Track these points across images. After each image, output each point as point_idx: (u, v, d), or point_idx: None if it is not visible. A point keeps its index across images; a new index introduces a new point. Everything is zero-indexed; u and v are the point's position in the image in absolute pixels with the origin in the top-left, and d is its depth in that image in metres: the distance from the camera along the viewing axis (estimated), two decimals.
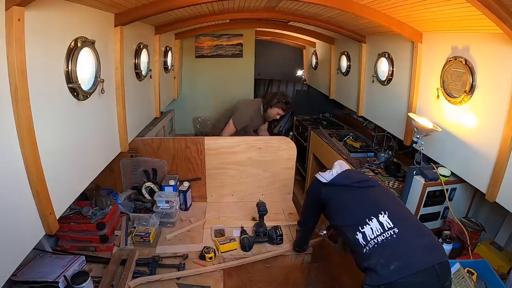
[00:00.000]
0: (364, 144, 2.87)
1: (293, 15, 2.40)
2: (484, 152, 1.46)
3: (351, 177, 1.45)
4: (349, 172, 1.51)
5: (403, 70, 2.08)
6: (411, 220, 1.31)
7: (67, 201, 1.21)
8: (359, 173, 1.61)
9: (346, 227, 1.33)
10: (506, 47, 1.30)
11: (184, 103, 3.78)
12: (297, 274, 1.88)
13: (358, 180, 1.43)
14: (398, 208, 1.34)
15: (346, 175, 1.47)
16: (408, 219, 1.30)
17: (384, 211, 1.26)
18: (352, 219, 1.32)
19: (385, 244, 1.18)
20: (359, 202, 1.38)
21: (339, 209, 1.43)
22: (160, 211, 1.95)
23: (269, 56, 4.41)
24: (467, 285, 1.30)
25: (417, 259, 1.12)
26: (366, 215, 1.27)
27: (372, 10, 1.68)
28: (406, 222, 1.26)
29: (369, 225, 1.24)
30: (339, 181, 1.44)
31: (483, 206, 1.80)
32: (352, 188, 1.42)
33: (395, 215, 1.25)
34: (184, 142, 2.16)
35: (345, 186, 1.42)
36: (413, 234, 1.21)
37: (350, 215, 1.36)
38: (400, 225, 1.22)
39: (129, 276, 1.47)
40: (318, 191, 1.48)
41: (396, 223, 1.22)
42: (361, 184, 1.42)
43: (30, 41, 0.91)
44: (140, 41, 1.97)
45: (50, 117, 1.07)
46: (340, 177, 1.46)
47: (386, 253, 1.17)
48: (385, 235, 1.20)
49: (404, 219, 1.27)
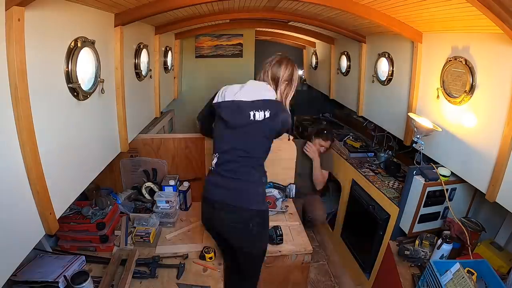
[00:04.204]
0: (364, 144, 2.87)
1: (293, 15, 2.40)
2: (484, 152, 1.46)
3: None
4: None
5: (403, 70, 2.08)
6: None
7: (67, 201, 1.21)
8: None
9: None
10: (506, 47, 1.30)
11: (184, 103, 3.78)
12: (297, 274, 1.88)
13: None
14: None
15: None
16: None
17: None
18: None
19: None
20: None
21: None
22: (160, 211, 1.95)
23: (269, 56, 4.39)
24: (467, 285, 1.30)
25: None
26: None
27: (372, 10, 1.68)
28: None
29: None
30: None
31: (483, 206, 1.81)
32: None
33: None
34: (184, 142, 2.16)
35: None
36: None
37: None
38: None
39: (129, 276, 1.47)
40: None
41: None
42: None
43: (30, 41, 0.91)
44: (140, 41, 1.97)
45: (50, 117, 1.06)
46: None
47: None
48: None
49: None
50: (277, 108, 1.41)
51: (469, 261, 1.47)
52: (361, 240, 2.35)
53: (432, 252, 1.63)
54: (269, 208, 2.01)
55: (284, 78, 1.47)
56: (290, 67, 1.48)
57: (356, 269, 2.36)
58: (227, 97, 1.43)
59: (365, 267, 2.23)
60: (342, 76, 3.13)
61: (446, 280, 1.37)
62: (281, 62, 1.48)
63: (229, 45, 3.77)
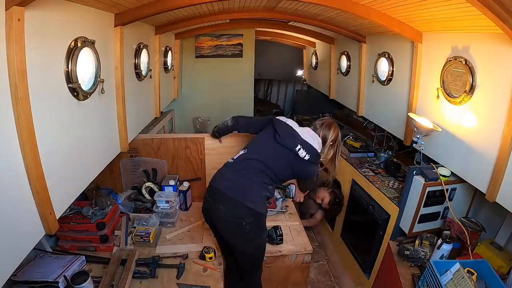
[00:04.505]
0: (364, 144, 2.87)
1: (293, 15, 2.40)
2: (484, 152, 1.46)
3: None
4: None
5: (403, 70, 2.08)
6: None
7: (67, 201, 1.21)
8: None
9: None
10: (506, 47, 1.30)
11: (184, 103, 3.78)
12: (297, 274, 1.88)
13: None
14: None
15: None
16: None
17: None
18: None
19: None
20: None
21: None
22: (160, 211, 1.95)
23: (269, 56, 4.41)
24: (467, 285, 1.30)
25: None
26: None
27: (372, 10, 1.68)
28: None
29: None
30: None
31: (483, 206, 1.80)
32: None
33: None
34: (184, 142, 2.16)
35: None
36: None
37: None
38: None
39: (129, 276, 1.47)
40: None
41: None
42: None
43: (30, 41, 0.91)
44: (140, 41, 1.97)
45: (50, 117, 1.07)
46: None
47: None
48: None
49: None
50: (315, 159, 1.56)
51: (469, 261, 1.47)
52: (361, 240, 2.35)
53: (432, 252, 1.63)
54: (269, 208, 2.03)
55: (331, 139, 1.65)
56: (337, 131, 1.68)
57: (356, 269, 2.36)
58: (289, 123, 1.60)
59: (365, 267, 2.23)
60: (342, 76, 3.13)
61: (446, 280, 1.37)
62: (330, 126, 1.67)
63: (229, 45, 3.77)
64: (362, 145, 2.81)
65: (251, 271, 1.64)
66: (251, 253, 1.57)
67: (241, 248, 1.54)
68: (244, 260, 1.59)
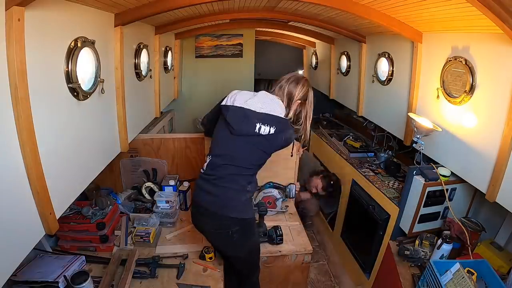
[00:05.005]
0: (364, 144, 2.87)
1: (293, 15, 2.40)
2: (484, 152, 1.46)
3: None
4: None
5: (403, 70, 2.08)
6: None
7: (67, 201, 1.21)
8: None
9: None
10: (506, 47, 1.30)
11: (184, 103, 3.78)
12: (297, 274, 1.88)
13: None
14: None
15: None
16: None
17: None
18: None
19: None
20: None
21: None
22: (160, 211, 1.95)
23: (269, 56, 4.41)
24: (467, 285, 1.30)
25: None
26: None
27: (372, 10, 1.68)
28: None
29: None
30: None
31: (483, 206, 1.80)
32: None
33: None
34: (184, 142, 2.16)
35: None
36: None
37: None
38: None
39: (129, 276, 1.47)
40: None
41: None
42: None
43: (30, 41, 0.91)
44: (140, 41, 1.97)
45: (50, 117, 1.07)
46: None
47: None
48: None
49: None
50: (283, 126, 1.40)
51: (469, 261, 1.47)
52: (361, 240, 2.35)
53: (432, 252, 1.63)
54: (269, 208, 2.03)
55: (298, 97, 1.47)
56: (306, 87, 1.49)
57: (356, 269, 2.36)
58: (237, 102, 1.42)
59: (365, 267, 2.23)
60: (342, 76, 3.13)
61: (446, 280, 1.37)
62: (298, 81, 1.48)
63: (229, 45, 3.77)
64: (362, 145, 2.81)
65: (248, 274, 1.64)
66: (245, 258, 1.56)
67: (233, 254, 1.54)
68: (240, 264, 1.60)
